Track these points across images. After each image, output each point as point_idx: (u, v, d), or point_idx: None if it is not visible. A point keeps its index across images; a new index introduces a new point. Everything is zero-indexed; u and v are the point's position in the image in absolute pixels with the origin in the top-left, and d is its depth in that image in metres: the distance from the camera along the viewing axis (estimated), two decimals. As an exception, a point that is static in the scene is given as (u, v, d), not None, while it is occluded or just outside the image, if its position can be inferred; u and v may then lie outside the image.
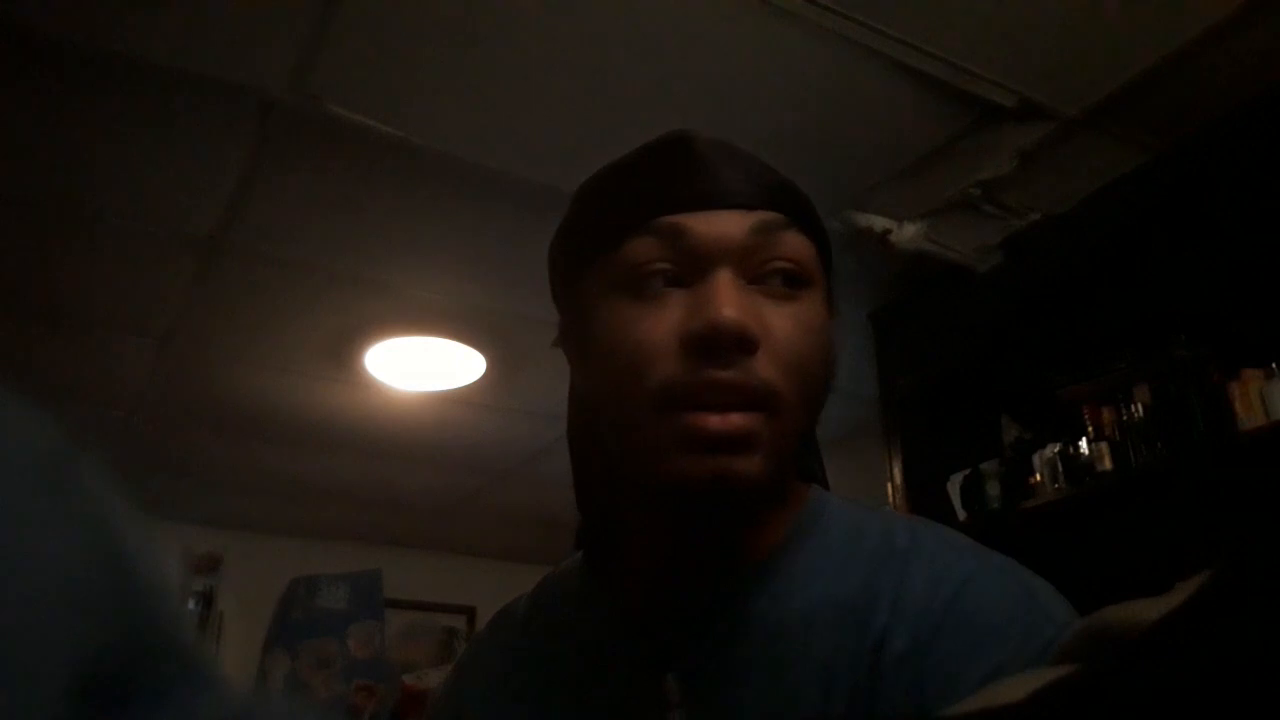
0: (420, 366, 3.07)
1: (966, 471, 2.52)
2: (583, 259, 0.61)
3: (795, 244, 0.59)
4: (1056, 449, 2.36)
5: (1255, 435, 1.95)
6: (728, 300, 0.54)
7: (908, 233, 2.36)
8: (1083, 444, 2.31)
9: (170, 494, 4.08)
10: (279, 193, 2.24)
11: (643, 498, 0.61)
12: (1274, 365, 1.98)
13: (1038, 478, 2.38)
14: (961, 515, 2.48)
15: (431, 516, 4.49)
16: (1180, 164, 2.07)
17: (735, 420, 0.53)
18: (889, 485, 2.62)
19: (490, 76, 1.90)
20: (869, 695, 0.53)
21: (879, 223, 2.34)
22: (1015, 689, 0.27)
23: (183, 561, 4.22)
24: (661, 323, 0.56)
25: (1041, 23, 1.76)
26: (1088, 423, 2.31)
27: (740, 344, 0.54)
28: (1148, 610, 0.26)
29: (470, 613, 4.90)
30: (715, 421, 0.53)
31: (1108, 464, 2.24)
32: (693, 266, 0.57)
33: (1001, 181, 2.19)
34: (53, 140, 2.06)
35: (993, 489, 2.46)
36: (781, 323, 0.57)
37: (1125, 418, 2.24)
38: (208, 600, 4.34)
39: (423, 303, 2.74)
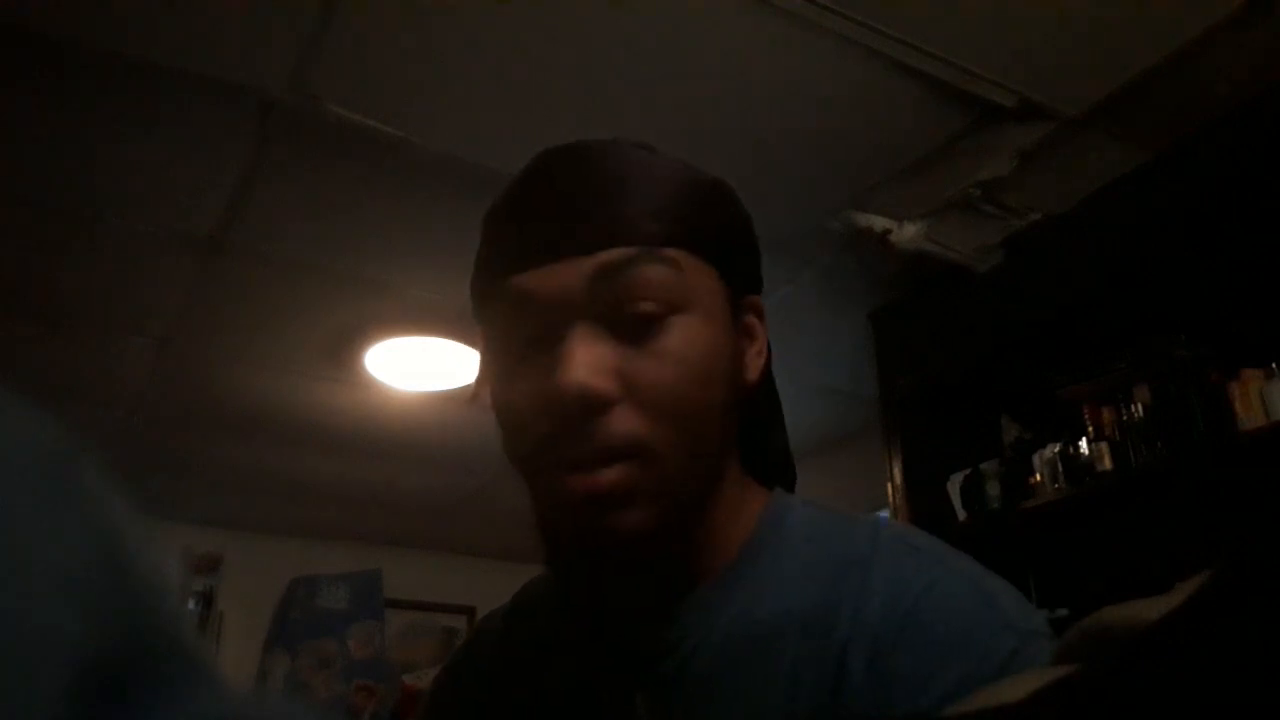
0: (420, 366, 3.06)
1: (966, 471, 2.52)
2: (478, 305, 0.62)
3: (648, 277, 0.55)
4: (1056, 449, 2.36)
5: (1255, 435, 1.95)
6: (572, 364, 0.53)
7: (908, 233, 2.36)
8: (1083, 444, 2.31)
9: (170, 494, 4.08)
10: (279, 193, 2.24)
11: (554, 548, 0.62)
12: (1274, 365, 1.98)
13: (1038, 478, 2.38)
14: (961, 515, 2.48)
15: (431, 516, 4.49)
16: (1180, 164, 2.07)
17: (604, 478, 0.53)
18: (889, 485, 2.62)
19: (490, 77, 1.90)
20: (833, 708, 0.52)
21: (879, 223, 2.34)
22: (1015, 689, 0.27)
23: (183, 561, 4.22)
24: (526, 388, 0.56)
25: (1041, 23, 1.76)
26: (1088, 423, 2.31)
27: (589, 408, 0.53)
28: (1148, 610, 0.26)
29: (470, 613, 4.90)
30: (582, 483, 0.53)
31: (1108, 464, 2.23)
32: (548, 326, 0.56)
33: (1001, 181, 2.19)
34: (53, 140, 2.06)
35: (993, 489, 2.46)
36: (646, 367, 0.55)
37: (1125, 418, 2.24)
38: (208, 600, 4.34)
39: (423, 303, 2.74)
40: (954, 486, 2.53)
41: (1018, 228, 2.35)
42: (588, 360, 0.54)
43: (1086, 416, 2.32)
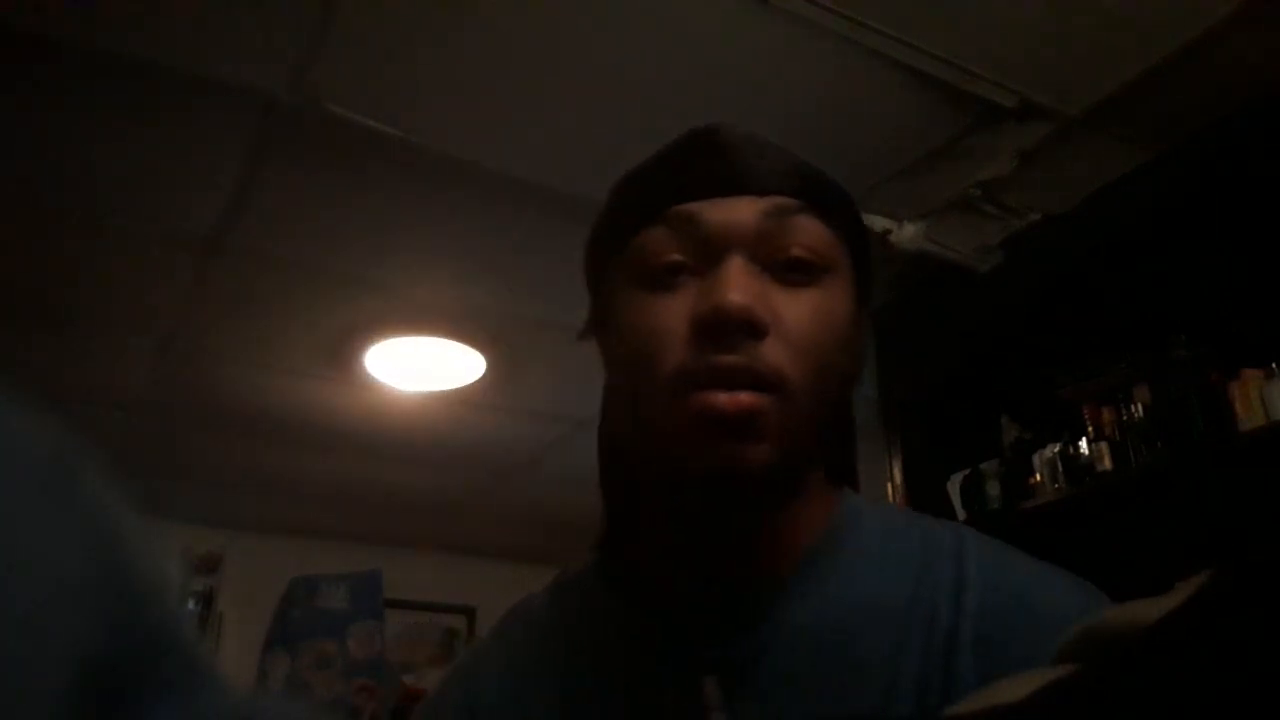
0: (420, 366, 3.07)
1: (966, 471, 2.52)
2: (607, 251, 0.62)
3: (811, 230, 0.58)
4: (1056, 449, 2.36)
5: (1255, 435, 1.95)
6: (735, 285, 0.54)
7: (908, 233, 2.36)
8: (1083, 444, 2.31)
9: (170, 494, 4.08)
10: (279, 193, 2.24)
11: (661, 489, 0.61)
12: (1274, 365, 1.98)
13: (1038, 478, 2.38)
14: (961, 515, 2.48)
15: (431, 516, 4.49)
16: (1180, 164, 2.06)
17: (744, 399, 0.53)
18: (889, 485, 2.62)
19: (490, 77, 1.90)
20: (942, 693, 0.52)
21: (879, 223, 2.33)
22: (1015, 689, 0.27)
23: (183, 561, 4.22)
24: (674, 310, 0.56)
25: (1041, 23, 1.76)
26: (1088, 423, 2.31)
27: (746, 328, 0.54)
28: (1148, 610, 0.26)
29: (470, 613, 4.90)
30: (724, 400, 0.53)
31: (1108, 464, 2.23)
32: (705, 254, 0.56)
33: (1001, 181, 2.19)
34: (53, 140, 2.06)
35: (993, 489, 2.46)
36: (794, 309, 0.56)
37: (1125, 418, 2.24)
38: (208, 600, 4.34)
39: (423, 303, 2.74)
40: (954, 486, 2.53)
41: (1018, 228, 2.35)
42: (748, 287, 0.55)
43: (1086, 416, 2.32)
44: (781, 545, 0.60)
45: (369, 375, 3.13)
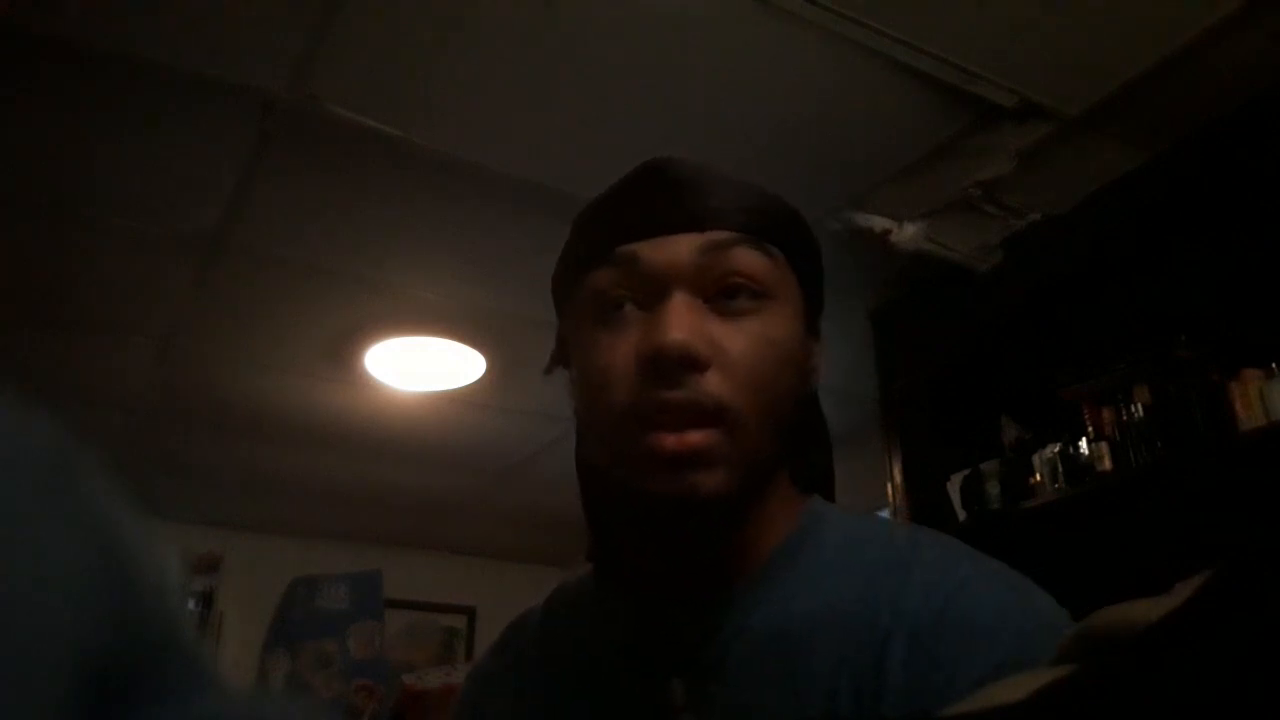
0: (420, 366, 3.07)
1: (966, 471, 2.52)
2: (567, 286, 0.66)
3: (749, 260, 0.60)
4: (1056, 449, 2.36)
5: (1255, 435, 1.95)
6: (674, 324, 0.57)
7: (908, 233, 2.36)
8: (1083, 444, 2.31)
9: (170, 494, 4.08)
10: (279, 193, 2.24)
11: (626, 510, 0.64)
12: (1274, 365, 1.98)
13: (1038, 478, 2.38)
14: (961, 515, 2.48)
15: (431, 516, 4.49)
16: (1180, 164, 2.06)
17: (691, 439, 0.56)
18: (889, 485, 2.61)
19: (490, 77, 1.90)
20: (874, 699, 0.54)
21: (879, 223, 2.33)
22: (1015, 689, 0.27)
23: (183, 561, 4.22)
24: (621, 347, 0.59)
25: (1041, 23, 1.76)
26: (1088, 423, 2.31)
27: (687, 363, 0.57)
28: (1147, 610, 0.26)
29: (470, 613, 4.90)
30: (671, 441, 0.56)
31: (1108, 464, 2.23)
32: (649, 291, 0.60)
33: (1001, 181, 2.19)
34: (53, 140, 2.06)
35: (993, 489, 2.46)
36: (735, 339, 0.59)
37: (1125, 418, 2.24)
38: (208, 600, 4.34)
39: (423, 303, 2.74)
40: (954, 486, 2.53)
41: (1018, 228, 2.35)
42: (688, 323, 0.58)
43: (1086, 416, 2.32)
44: (744, 555, 0.63)
45: (369, 375, 3.13)
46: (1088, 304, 2.30)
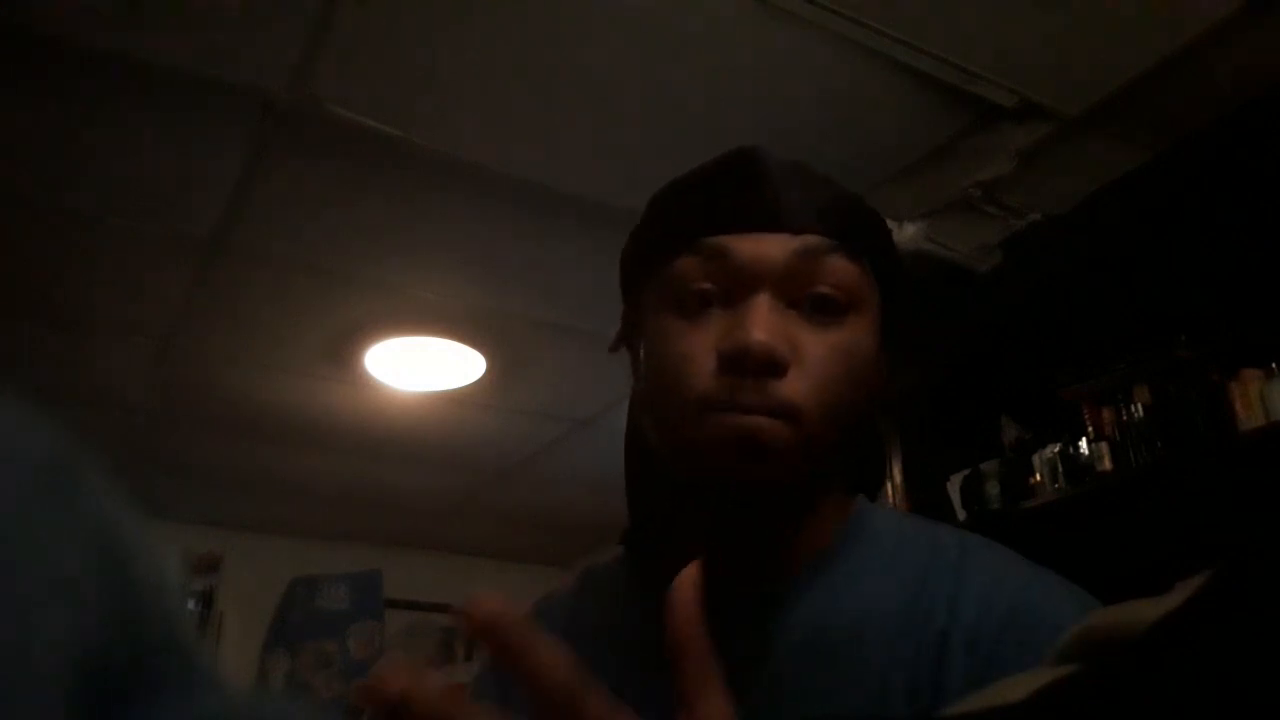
0: (420, 366, 3.06)
1: (966, 471, 2.52)
2: (642, 269, 0.65)
3: (841, 269, 0.60)
4: (1056, 449, 2.36)
5: (1255, 435, 1.95)
6: (760, 325, 0.57)
7: (908, 233, 2.36)
8: (1083, 444, 2.31)
9: (170, 494, 4.07)
10: (279, 193, 2.24)
11: (685, 495, 0.64)
12: (1274, 365, 1.98)
13: (1038, 478, 2.38)
14: (961, 515, 2.48)
15: (431, 516, 4.48)
16: (1180, 164, 2.06)
17: (759, 424, 0.57)
18: (889, 485, 2.61)
19: (490, 77, 1.90)
20: (932, 696, 0.54)
21: (879, 223, 2.33)
22: (1015, 689, 0.27)
23: (183, 561, 4.22)
24: (701, 338, 0.59)
25: (1041, 23, 1.75)
26: (1088, 423, 2.31)
27: (768, 366, 0.57)
28: (1148, 610, 0.26)
29: (470, 613, 4.89)
30: (742, 422, 0.57)
31: (1108, 464, 2.23)
32: (735, 287, 0.59)
33: (1001, 181, 2.19)
34: (53, 140, 2.06)
35: (993, 489, 2.46)
36: (817, 347, 0.59)
37: (1125, 418, 2.24)
38: (208, 600, 4.33)
39: (423, 303, 2.74)
40: (954, 486, 2.53)
41: (1018, 228, 2.35)
42: (772, 325, 0.57)
43: (1086, 416, 2.32)
44: (791, 552, 0.63)
45: (369, 375, 3.13)
46: (1088, 304, 2.30)
